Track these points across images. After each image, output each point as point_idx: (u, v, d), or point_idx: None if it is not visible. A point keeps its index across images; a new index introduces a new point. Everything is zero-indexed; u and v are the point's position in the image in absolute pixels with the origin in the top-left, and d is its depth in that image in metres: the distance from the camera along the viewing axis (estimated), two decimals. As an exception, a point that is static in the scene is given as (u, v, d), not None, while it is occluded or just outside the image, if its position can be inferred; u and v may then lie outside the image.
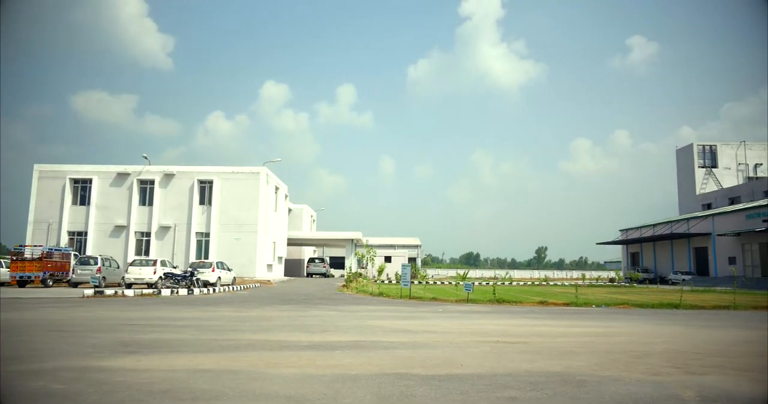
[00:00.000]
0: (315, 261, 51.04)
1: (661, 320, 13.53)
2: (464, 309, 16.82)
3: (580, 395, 5.12)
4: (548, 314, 15.24)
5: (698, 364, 6.84)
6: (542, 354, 7.55)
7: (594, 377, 5.95)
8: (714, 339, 9.48)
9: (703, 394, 5.17)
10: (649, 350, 8.06)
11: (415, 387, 5.37)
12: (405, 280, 22.13)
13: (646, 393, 5.22)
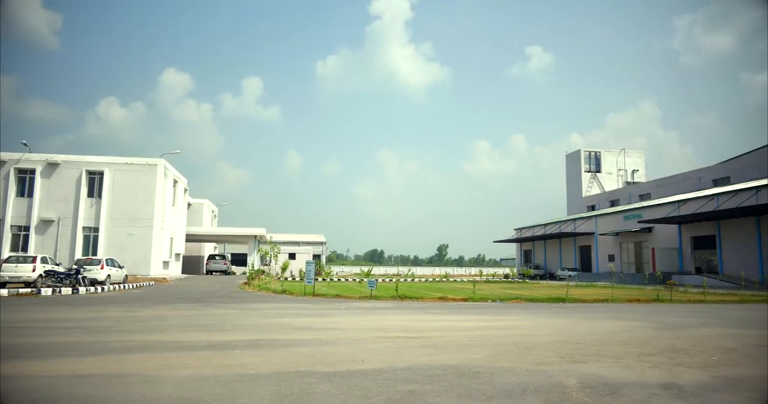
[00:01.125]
0: (215, 258, 49.17)
1: (549, 313, 14.47)
2: (367, 305, 17.01)
3: (475, 386, 5.36)
4: (447, 309, 15.79)
5: (580, 353, 7.40)
6: (440, 348, 7.82)
7: (487, 368, 6.25)
8: (594, 330, 10.31)
9: (583, 381, 5.61)
10: (537, 341, 8.60)
11: (316, 385, 5.36)
12: (309, 277, 21.95)
13: (533, 381, 5.57)
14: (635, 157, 75.90)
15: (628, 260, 49.06)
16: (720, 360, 6.93)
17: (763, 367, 6.42)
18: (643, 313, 14.39)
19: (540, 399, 4.87)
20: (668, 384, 5.50)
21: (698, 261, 40.95)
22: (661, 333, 9.75)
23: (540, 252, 64.65)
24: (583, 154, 74.49)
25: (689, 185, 54.68)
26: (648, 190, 61.49)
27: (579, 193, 73.73)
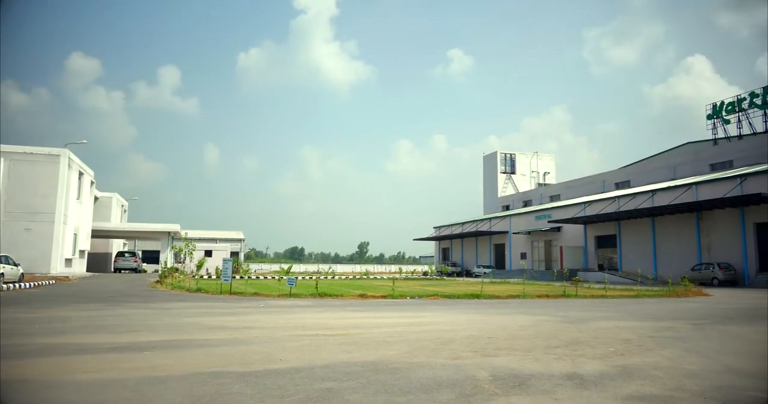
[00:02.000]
0: (125, 255, 46.54)
1: (464, 309, 14.95)
2: (286, 303, 16.79)
3: (392, 381, 5.45)
4: (367, 306, 15.90)
5: (492, 347, 7.71)
6: (359, 345, 7.87)
7: (405, 364, 6.37)
8: (506, 325, 10.77)
9: (494, 373, 5.85)
10: (453, 337, 8.86)
11: (231, 385, 5.23)
12: (226, 275, 21.32)
13: (448, 375, 5.75)
14: (547, 159, 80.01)
15: (538, 258, 51.62)
16: (617, 350, 7.47)
17: (653, 356, 6.98)
18: (551, 308, 15.21)
19: (454, 392, 5.03)
20: (572, 374, 5.86)
21: (601, 259, 43.82)
22: (567, 327, 10.34)
23: (457, 250, 66.60)
24: (500, 156, 77.55)
25: (594, 187, 58.35)
26: (558, 192, 64.99)
27: (495, 193, 76.66)
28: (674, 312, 13.94)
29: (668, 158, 52.01)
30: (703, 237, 34.41)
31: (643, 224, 39.04)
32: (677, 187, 37.33)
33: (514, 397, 4.85)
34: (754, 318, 12.14)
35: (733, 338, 8.77)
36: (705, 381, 5.53)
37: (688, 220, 35.42)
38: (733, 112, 46.40)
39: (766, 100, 43.91)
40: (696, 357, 6.95)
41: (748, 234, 31.56)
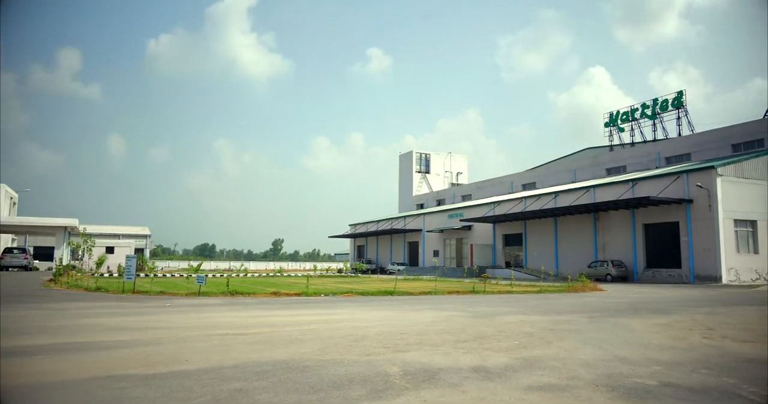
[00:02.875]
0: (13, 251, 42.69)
1: (378, 306, 15.12)
2: (195, 302, 16.17)
3: (303, 379, 5.41)
4: (280, 304, 15.66)
5: (404, 343, 7.86)
6: (271, 344, 7.74)
7: (317, 362, 6.35)
8: (417, 321, 11.02)
9: (405, 368, 5.97)
10: (365, 334, 8.94)
11: (132, 389, 4.97)
12: (129, 273, 20.15)
13: (360, 372, 5.79)
14: (460, 160, 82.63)
15: (450, 255, 53.21)
16: (520, 343, 7.86)
17: (553, 348, 7.43)
18: (461, 304, 15.74)
19: (365, 388, 5.08)
20: (478, 367, 6.10)
21: (508, 257, 45.93)
22: (475, 322, 10.75)
23: (372, 247, 67.19)
24: (415, 156, 79.09)
25: (503, 188, 61.01)
26: (469, 191, 67.32)
27: (410, 191, 78.10)
28: (572, 306, 14.89)
29: (570, 162, 55.42)
30: (599, 237, 37.01)
31: (547, 223, 41.35)
32: (577, 189, 39.86)
33: (424, 391, 4.98)
34: (640, 310, 13.23)
35: (622, 329, 9.51)
36: (597, 369, 5.95)
37: (587, 220, 37.95)
38: (627, 121, 50.25)
39: (655, 111, 47.94)
40: (590, 348, 7.47)
41: (638, 234, 34.32)
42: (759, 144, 38.18)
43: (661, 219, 32.92)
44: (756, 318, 11.29)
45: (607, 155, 50.73)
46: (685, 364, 6.24)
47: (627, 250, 34.76)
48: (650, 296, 19.20)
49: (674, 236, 32.13)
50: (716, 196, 29.91)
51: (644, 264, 33.76)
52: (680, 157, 43.34)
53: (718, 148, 40.76)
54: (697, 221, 30.69)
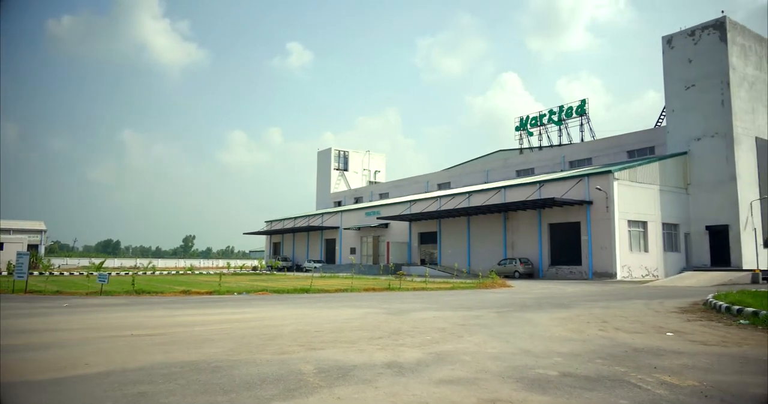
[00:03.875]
0: None
1: (293, 304, 14.96)
2: (97, 302, 15.22)
3: (214, 381, 5.25)
4: (190, 303, 15.09)
5: (319, 341, 7.83)
6: (179, 345, 7.44)
7: (228, 362, 6.18)
8: (333, 318, 11.02)
9: (319, 366, 5.96)
10: (280, 332, 8.81)
11: (25, 397, 4.59)
12: (21, 271, 18.59)
13: (273, 371, 5.70)
14: (378, 158, 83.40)
15: (367, 252, 53.60)
16: (433, 339, 8.08)
17: (463, 342, 7.70)
18: (377, 301, 15.91)
19: (278, 387, 5.01)
20: (392, 362, 6.20)
21: (423, 254, 46.96)
22: (390, 319, 10.91)
23: (289, 244, 66.31)
24: (334, 153, 78.89)
25: (419, 187, 62.31)
26: (387, 190, 68.14)
27: (328, 188, 77.82)
28: (482, 302, 15.49)
29: (483, 163, 57.58)
30: (509, 235, 38.74)
31: (460, 222, 42.71)
32: (489, 189, 41.48)
33: (337, 388, 4.99)
34: (544, 305, 14.02)
35: (527, 323, 10.03)
36: (504, 362, 6.24)
37: (497, 220, 39.60)
38: (535, 125, 52.93)
39: (561, 117, 50.87)
40: (498, 341, 7.81)
41: (544, 233, 36.28)
42: (651, 151, 41.59)
43: (565, 219, 35.00)
44: (644, 311, 12.29)
45: (517, 158, 53.22)
46: (582, 355, 6.68)
47: (533, 248, 36.64)
48: (553, 291, 20.37)
49: (576, 235, 34.27)
50: (613, 199, 32.23)
51: (549, 262, 35.75)
52: (582, 161, 46.31)
53: (615, 153, 43.96)
54: (595, 221, 32.91)
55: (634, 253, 33.12)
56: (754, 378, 5.41)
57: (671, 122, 38.58)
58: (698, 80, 37.07)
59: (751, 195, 35.67)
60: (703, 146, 36.50)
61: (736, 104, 35.65)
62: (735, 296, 13.03)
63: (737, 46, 36.91)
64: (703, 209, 36.25)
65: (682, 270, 34.27)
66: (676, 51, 38.60)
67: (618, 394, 4.77)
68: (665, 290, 21.11)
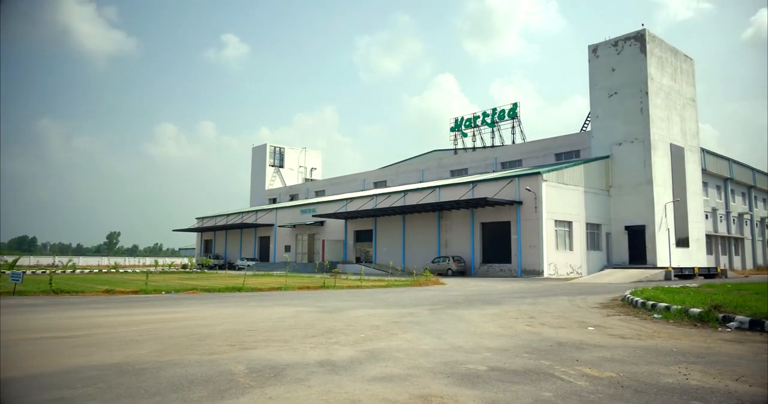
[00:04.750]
0: None
1: (225, 303, 14.59)
2: (10, 302, 14.23)
3: (138, 383, 5.04)
4: (114, 303, 14.41)
5: (251, 340, 7.68)
6: (101, 347, 7.09)
7: (154, 363, 5.95)
8: (266, 317, 10.84)
9: (251, 366, 5.84)
10: (210, 332, 8.57)
11: None
12: None
13: (202, 372, 5.54)
14: (315, 155, 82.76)
15: (302, 250, 53.08)
16: (367, 336, 8.12)
17: (397, 339, 7.78)
18: (311, 299, 15.80)
19: (207, 389, 4.88)
20: (325, 361, 6.18)
21: (359, 252, 47.04)
22: (324, 317, 10.86)
23: (221, 242, 64.62)
24: (269, 149, 77.56)
25: (356, 185, 62.38)
26: (323, 187, 67.75)
27: (262, 185, 76.42)
28: (416, 299, 15.71)
29: (419, 163, 58.37)
30: (443, 234, 39.50)
31: (396, 221, 43.11)
32: (424, 188, 42.12)
33: (269, 388, 4.92)
34: (475, 302, 14.40)
35: (459, 320, 10.27)
36: (436, 358, 6.36)
37: (432, 218, 40.27)
38: (470, 127, 54.21)
39: (494, 119, 52.37)
40: (430, 338, 7.95)
41: (476, 232, 37.26)
42: (577, 154, 43.61)
43: (496, 219, 36.09)
44: (568, 307, 12.89)
45: (452, 158, 54.33)
46: (510, 350, 6.92)
47: (466, 247, 37.55)
48: (484, 289, 20.97)
49: (506, 234, 35.42)
50: (541, 199, 33.55)
51: (481, 260, 36.75)
52: (513, 163, 47.93)
53: (544, 156, 45.79)
54: (525, 221, 34.15)
55: (560, 252, 34.62)
56: (665, 368, 5.79)
57: (595, 127, 40.61)
58: (620, 88, 39.23)
59: (665, 197, 38.15)
60: (623, 151, 38.66)
61: (654, 112, 38.01)
62: (650, 292, 13.91)
63: (655, 57, 39.35)
64: (623, 210, 38.42)
65: (604, 267, 36.20)
66: (601, 60, 40.66)
67: (542, 387, 4.98)
68: (588, 287, 22.22)
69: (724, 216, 52.25)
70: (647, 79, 38.00)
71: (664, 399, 4.54)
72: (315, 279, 25.68)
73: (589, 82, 41.32)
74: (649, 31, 39.24)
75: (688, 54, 43.43)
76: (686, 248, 39.44)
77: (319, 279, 25.66)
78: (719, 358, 6.35)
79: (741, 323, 8.88)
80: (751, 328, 8.66)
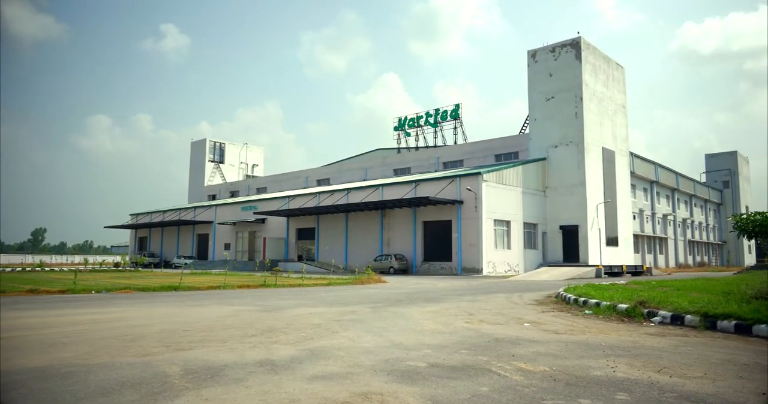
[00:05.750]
0: None
1: (160, 302, 14.09)
2: None
3: (63, 388, 4.79)
4: (39, 303, 13.62)
5: (187, 341, 7.45)
6: (24, 350, 6.69)
7: (83, 367, 5.67)
8: (203, 317, 10.55)
9: (186, 367, 5.67)
10: (143, 332, 8.26)
11: None
12: None
13: (134, 374, 5.33)
14: (256, 152, 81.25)
15: (242, 248, 52.04)
16: (307, 335, 8.05)
17: (338, 337, 7.77)
18: (251, 298, 15.50)
19: (139, 392, 4.69)
20: (264, 361, 6.08)
21: (301, 250, 46.61)
22: (263, 316, 10.69)
23: (157, 239, 62.39)
24: (209, 144, 75.50)
25: (299, 182, 61.72)
26: (265, 184, 66.64)
27: (201, 181, 74.33)
28: (358, 297, 15.73)
29: (362, 161, 58.44)
30: (385, 232, 39.74)
31: (339, 219, 43.00)
32: (367, 187, 42.23)
33: (205, 389, 4.79)
34: (416, 300, 14.58)
35: (400, 317, 10.37)
36: (377, 356, 6.39)
37: (375, 217, 40.44)
38: (413, 126, 54.80)
39: (437, 120, 53.16)
40: (371, 336, 7.98)
41: (418, 230, 37.71)
42: (515, 155, 44.95)
43: (438, 218, 36.67)
44: (505, 304, 13.27)
45: (395, 157, 54.73)
46: (449, 346, 7.05)
47: (408, 245, 37.95)
48: (425, 286, 21.26)
49: (447, 233, 36.05)
50: (481, 199, 34.36)
51: (422, 258, 37.23)
52: (455, 163, 48.83)
53: (485, 156, 46.91)
54: (465, 220, 34.87)
55: (499, 250, 35.59)
56: (594, 361, 6.06)
57: (533, 130, 41.98)
58: (557, 93, 40.73)
59: (597, 198, 39.94)
60: (559, 153, 40.17)
61: (588, 117, 39.70)
62: (581, 289, 14.53)
63: (589, 64, 41.10)
64: (558, 210, 39.93)
65: (539, 265, 37.50)
66: (539, 65, 42.07)
67: (480, 382, 5.10)
68: (524, 284, 22.95)
69: (650, 217, 55.29)
70: (582, 84, 39.64)
71: (593, 391, 4.76)
72: (255, 278, 25.23)
73: (528, 86, 42.66)
74: (584, 39, 40.94)
75: (619, 62, 45.64)
76: (615, 247, 41.46)
77: (259, 277, 25.23)
78: (643, 351, 6.71)
79: (664, 318, 9.42)
80: (673, 322, 9.21)
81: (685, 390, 4.82)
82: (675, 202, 61.74)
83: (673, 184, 60.51)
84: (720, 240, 75.58)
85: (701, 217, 70.03)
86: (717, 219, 75.10)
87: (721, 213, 75.05)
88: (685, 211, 65.17)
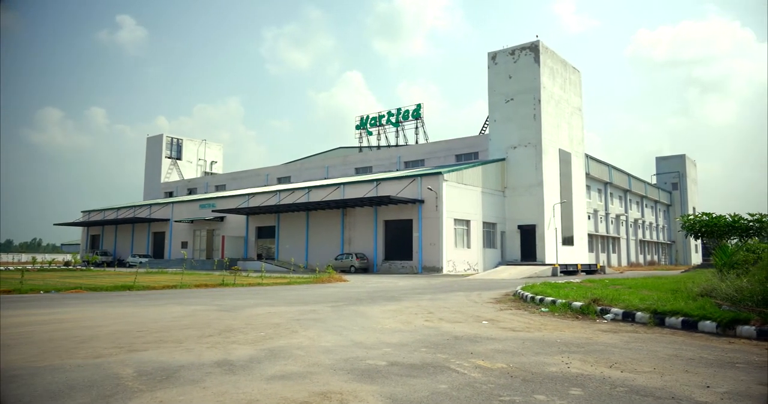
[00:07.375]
0: None
1: (113, 302, 13.67)
2: None
3: (7, 392, 4.59)
4: (-19, 304, 12.99)
5: (141, 341, 7.26)
6: (-35, 353, 6.37)
7: (29, 369, 5.46)
8: (159, 317, 10.28)
9: (140, 369, 5.52)
10: (95, 333, 8.00)
11: None
12: None
13: (85, 377, 5.16)
14: (215, 148, 79.75)
15: (200, 247, 51.00)
16: (266, 334, 7.96)
17: (297, 337, 7.71)
18: (208, 297, 15.21)
19: (90, 395, 4.54)
20: (222, 361, 5.98)
21: (260, 249, 46.01)
22: (222, 315, 10.51)
23: (110, 237, 60.48)
24: (166, 140, 73.66)
25: (259, 180, 60.91)
26: (224, 182, 65.49)
27: (158, 178, 72.45)
28: (318, 296, 15.64)
29: (324, 159, 58.15)
30: (347, 231, 39.65)
31: (300, 217, 42.66)
32: (329, 185, 42.05)
33: (160, 391, 4.67)
34: (376, 298, 14.61)
35: (360, 316, 10.37)
36: (337, 355, 6.37)
37: (336, 215, 40.30)
38: (375, 125, 54.86)
39: (399, 119, 53.39)
40: (331, 335, 7.95)
41: (379, 229, 37.79)
42: (476, 156, 45.57)
43: (399, 217, 36.83)
44: (465, 302, 13.44)
45: (357, 155, 54.66)
46: (409, 345, 7.09)
47: (369, 244, 37.97)
48: (386, 285, 21.32)
49: (408, 232, 36.26)
50: (442, 198, 34.70)
51: (383, 257, 37.33)
52: (416, 162, 49.14)
53: (445, 156, 47.37)
54: (426, 219, 35.15)
55: (459, 249, 36.02)
56: (550, 358, 6.21)
57: (493, 131, 42.66)
58: (516, 95, 41.50)
59: (553, 199, 40.91)
60: (518, 154, 40.95)
61: (545, 119, 40.61)
62: (538, 287, 14.86)
63: (547, 67, 42.04)
64: (516, 210, 40.71)
65: (498, 264, 38.15)
66: (499, 67, 42.77)
67: (439, 379, 5.16)
68: (483, 283, 23.31)
69: (603, 217, 57.02)
70: (540, 87, 40.51)
71: (548, 387, 4.87)
72: (213, 277, 24.77)
73: (488, 87, 43.30)
74: (543, 43, 41.84)
75: (576, 66, 46.85)
76: (571, 246, 42.58)
77: (217, 276, 24.78)
78: (596, 347, 6.92)
79: (616, 315, 9.74)
80: (624, 319, 9.52)
81: (635, 384, 4.99)
82: (627, 203, 63.87)
83: (625, 185, 62.56)
84: (669, 240, 78.62)
85: (652, 218, 72.67)
86: (666, 220, 78.08)
87: (670, 214, 78.07)
88: (637, 212, 67.50)
